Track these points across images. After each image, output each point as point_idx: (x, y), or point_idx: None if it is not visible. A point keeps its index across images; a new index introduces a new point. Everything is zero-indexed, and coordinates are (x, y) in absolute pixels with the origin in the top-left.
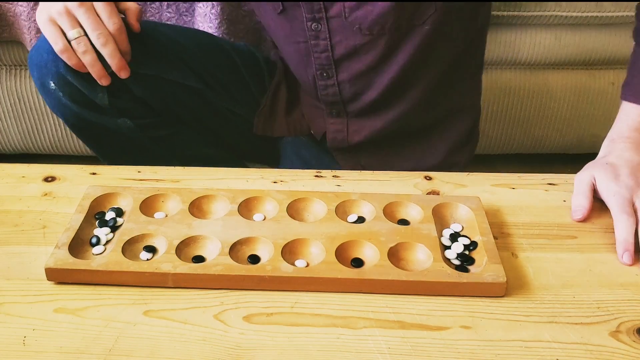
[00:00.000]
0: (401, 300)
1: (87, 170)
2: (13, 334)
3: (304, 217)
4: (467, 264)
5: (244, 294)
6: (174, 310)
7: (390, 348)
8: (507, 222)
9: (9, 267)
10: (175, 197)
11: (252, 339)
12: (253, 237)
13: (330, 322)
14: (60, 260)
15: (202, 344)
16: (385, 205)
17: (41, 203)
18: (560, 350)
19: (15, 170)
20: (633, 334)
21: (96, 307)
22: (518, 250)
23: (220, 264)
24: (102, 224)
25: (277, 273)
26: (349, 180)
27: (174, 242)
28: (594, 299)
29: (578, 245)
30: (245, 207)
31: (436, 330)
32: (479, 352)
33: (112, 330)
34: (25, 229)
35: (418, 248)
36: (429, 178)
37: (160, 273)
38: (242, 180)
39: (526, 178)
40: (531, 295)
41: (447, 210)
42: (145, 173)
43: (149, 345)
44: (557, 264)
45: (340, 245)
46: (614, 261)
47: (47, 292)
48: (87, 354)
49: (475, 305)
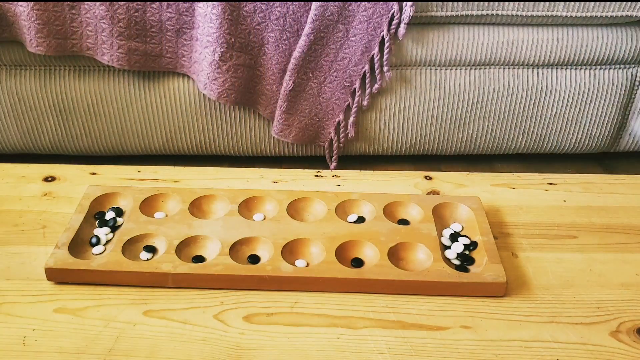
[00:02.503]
0: (401, 300)
1: (87, 170)
2: (13, 334)
3: (304, 217)
4: (467, 263)
5: (244, 294)
6: (174, 310)
7: (390, 348)
8: (507, 222)
9: (9, 267)
10: (175, 197)
11: (252, 339)
12: (253, 237)
13: (330, 322)
14: (60, 260)
15: (202, 344)
16: (385, 205)
17: (41, 203)
18: (560, 350)
19: (15, 170)
20: (633, 334)
21: (96, 307)
22: (518, 250)
23: (220, 264)
24: (102, 223)
25: (277, 273)
26: (349, 180)
27: (174, 242)
28: (594, 298)
29: (578, 245)
30: (245, 207)
31: (436, 330)
32: (479, 352)
33: (112, 330)
34: (25, 228)
35: (418, 248)
36: (429, 178)
37: (160, 273)
38: (242, 180)
39: (526, 178)
40: (531, 295)
41: (447, 210)
42: (145, 173)
43: (149, 345)
44: (557, 263)
45: (340, 245)
46: (614, 261)
47: (47, 292)
48: (87, 354)
49: (475, 305)
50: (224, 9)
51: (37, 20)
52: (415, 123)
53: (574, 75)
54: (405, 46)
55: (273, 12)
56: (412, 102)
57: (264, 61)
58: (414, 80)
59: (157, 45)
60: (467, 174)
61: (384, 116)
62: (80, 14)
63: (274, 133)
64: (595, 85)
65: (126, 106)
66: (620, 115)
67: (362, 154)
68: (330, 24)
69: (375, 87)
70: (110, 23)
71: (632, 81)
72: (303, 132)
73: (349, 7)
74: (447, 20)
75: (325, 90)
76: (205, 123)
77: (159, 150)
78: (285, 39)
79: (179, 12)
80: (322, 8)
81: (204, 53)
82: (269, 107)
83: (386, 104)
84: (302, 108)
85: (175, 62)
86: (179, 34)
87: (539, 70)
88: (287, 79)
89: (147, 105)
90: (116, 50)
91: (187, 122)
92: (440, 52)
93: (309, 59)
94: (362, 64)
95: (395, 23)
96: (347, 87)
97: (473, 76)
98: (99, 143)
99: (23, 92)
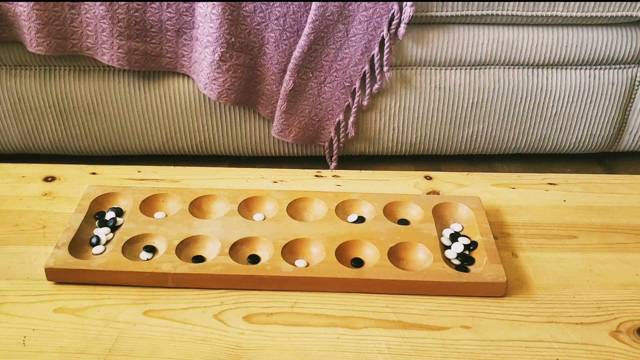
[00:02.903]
0: (401, 300)
1: (87, 170)
2: (13, 334)
3: (304, 217)
4: (467, 263)
5: (244, 294)
6: (174, 310)
7: (391, 348)
8: (507, 222)
9: (9, 267)
10: (175, 196)
11: (252, 339)
12: (253, 237)
13: (330, 322)
14: (60, 260)
15: (202, 344)
16: (386, 205)
17: (41, 203)
18: (560, 350)
19: (15, 170)
20: (633, 334)
21: (96, 307)
22: (518, 250)
23: (220, 264)
24: (102, 223)
25: (277, 273)
26: (349, 180)
27: (174, 242)
28: (594, 298)
29: (578, 245)
30: (245, 206)
31: (436, 330)
32: (479, 352)
33: (112, 330)
34: (25, 228)
35: (418, 248)
36: (429, 178)
37: (160, 273)
38: (242, 180)
39: (526, 178)
40: (531, 295)
41: (447, 210)
42: (145, 173)
43: (149, 345)
44: (557, 263)
45: (340, 245)
46: (614, 261)
47: (47, 292)
48: (87, 354)
49: (476, 305)
50: (224, 8)
51: (37, 20)
52: (415, 123)
53: (574, 75)
54: (406, 46)
55: (273, 12)
56: (412, 102)
57: (264, 61)
58: (414, 80)
59: (157, 45)
60: (467, 174)
61: (384, 116)
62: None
63: (274, 133)
64: (595, 85)
65: (126, 106)
66: (620, 115)
67: (362, 154)
68: (330, 24)
69: (376, 87)
70: (110, 23)
71: (632, 81)
72: (303, 132)
73: (349, 7)
74: (447, 20)
75: (325, 90)
76: (205, 123)
77: (159, 150)
78: (285, 38)
79: (179, 12)
80: (322, 8)
81: (204, 53)
82: (269, 107)
83: (386, 104)
84: (302, 108)
85: (175, 62)
86: (179, 34)
87: (539, 70)
88: (287, 79)
89: (147, 105)
90: (116, 50)
91: (187, 122)
92: (440, 52)
93: (309, 59)
94: (362, 63)
95: (395, 23)
96: (347, 87)
97: (473, 76)
98: (99, 143)
99: (23, 92)
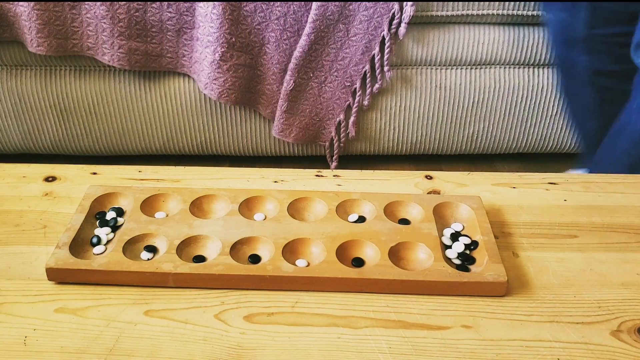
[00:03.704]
0: (402, 300)
1: (87, 170)
2: (14, 334)
3: (304, 216)
4: (467, 263)
5: (244, 293)
6: (175, 310)
7: (391, 348)
8: (508, 222)
9: (9, 267)
10: (176, 196)
11: (253, 338)
12: (254, 237)
13: (331, 322)
14: (61, 260)
15: (202, 343)
16: (386, 204)
17: (42, 203)
18: (561, 349)
19: (16, 170)
20: (634, 334)
21: (97, 307)
22: (519, 249)
23: (221, 264)
24: (103, 223)
25: (278, 273)
26: (349, 179)
27: (175, 241)
28: (595, 298)
29: (579, 245)
30: (246, 206)
31: (437, 330)
32: (480, 352)
33: (112, 330)
34: (26, 228)
35: (419, 247)
36: (429, 177)
37: (161, 273)
38: (242, 179)
39: (527, 177)
40: (532, 294)
41: (447, 209)
42: (146, 173)
43: (150, 345)
44: (558, 263)
45: (341, 245)
46: (614, 260)
47: (48, 292)
48: (88, 353)
49: (476, 305)
50: (225, 8)
51: (38, 20)
52: (415, 123)
53: None
54: (406, 46)
55: (273, 12)
56: (412, 101)
57: (264, 61)
58: (414, 79)
59: (157, 45)
60: (467, 173)
61: (385, 116)
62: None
63: (275, 133)
64: None
65: (127, 106)
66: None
67: (362, 154)
68: (330, 24)
69: (376, 86)
70: (111, 23)
71: None
72: (304, 131)
73: (349, 7)
74: (447, 20)
75: (326, 90)
76: (206, 123)
77: (159, 150)
78: (286, 38)
79: (179, 12)
80: (322, 8)
81: (205, 53)
82: (270, 106)
83: (387, 104)
84: (302, 108)
85: (176, 62)
86: (179, 34)
87: (539, 70)
88: (288, 78)
89: (148, 105)
90: (117, 50)
91: (187, 122)
92: (441, 52)
93: (309, 58)
94: (363, 63)
95: (395, 23)
96: (347, 87)
97: (473, 76)
98: (99, 143)
99: (24, 92)
